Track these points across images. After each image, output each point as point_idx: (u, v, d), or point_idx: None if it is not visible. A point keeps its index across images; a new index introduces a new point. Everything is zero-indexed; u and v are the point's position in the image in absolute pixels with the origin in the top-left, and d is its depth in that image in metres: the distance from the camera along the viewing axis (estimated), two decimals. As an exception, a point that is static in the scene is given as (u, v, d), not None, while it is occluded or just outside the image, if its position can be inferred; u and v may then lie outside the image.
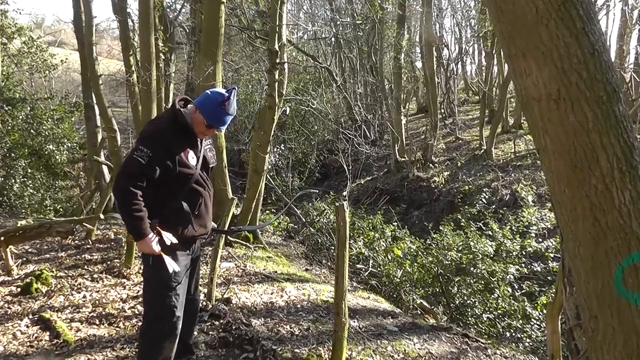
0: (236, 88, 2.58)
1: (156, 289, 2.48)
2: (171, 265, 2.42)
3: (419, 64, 22.61)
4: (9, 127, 9.79)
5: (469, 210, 7.99)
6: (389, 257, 7.06)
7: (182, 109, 2.53)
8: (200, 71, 6.69)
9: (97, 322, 3.70)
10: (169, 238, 2.41)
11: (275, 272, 5.84)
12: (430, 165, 13.55)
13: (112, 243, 6.13)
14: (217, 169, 6.31)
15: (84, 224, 5.94)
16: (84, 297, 4.23)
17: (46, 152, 10.20)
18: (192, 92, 13.22)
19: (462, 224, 7.30)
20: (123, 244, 5.41)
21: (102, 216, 5.63)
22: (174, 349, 2.55)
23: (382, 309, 4.97)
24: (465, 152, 14.44)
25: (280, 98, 6.79)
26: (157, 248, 2.37)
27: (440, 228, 7.32)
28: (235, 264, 5.81)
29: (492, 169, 12.15)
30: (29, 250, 5.73)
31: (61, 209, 10.05)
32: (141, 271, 4.93)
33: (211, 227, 2.78)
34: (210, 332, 3.66)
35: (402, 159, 14.56)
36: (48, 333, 3.49)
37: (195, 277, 2.75)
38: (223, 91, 2.52)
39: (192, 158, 2.51)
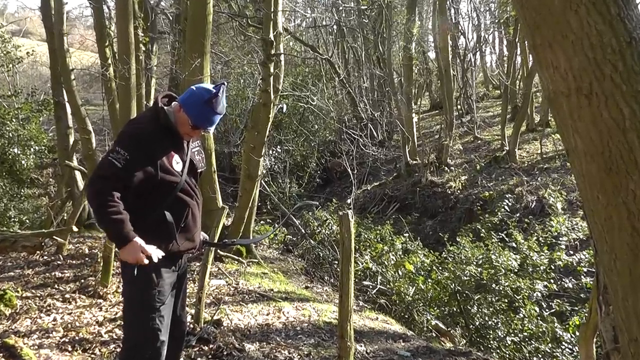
0: (226, 83, 2.59)
1: (138, 310, 2.48)
2: (155, 254, 2.38)
3: (432, 55, 22.71)
4: (-33, 129, 9.83)
5: (489, 219, 7.98)
6: (400, 273, 7.05)
7: (165, 107, 2.54)
8: (186, 64, 6.72)
9: (70, 349, 3.70)
10: (155, 253, 2.41)
11: (272, 290, 5.83)
12: (446, 168, 13.56)
13: (87, 259, 6.14)
14: (206, 174, 6.32)
15: (54, 237, 5.94)
16: (54, 320, 4.23)
17: (10, 157, 10.22)
18: (176, 88, 13.25)
19: (482, 234, 7.28)
20: (99, 260, 5.42)
21: (74, 228, 5.64)
22: (158, 378, 2.54)
23: (392, 331, 4.96)
24: (485, 154, 14.45)
25: (276, 94, 6.82)
26: (143, 256, 2.35)
27: (458, 239, 7.32)
28: (227, 282, 5.80)
29: (515, 173, 12.16)
30: (-8, 267, 5.74)
31: (27, 221, 10.06)
32: (120, 290, 4.96)
33: (200, 240, 2.78)
34: (199, 359, 3.65)
35: (414, 162, 14.57)
36: (13, 361, 3.49)
37: (181, 296, 2.74)
38: (210, 87, 2.52)
39: (176, 163, 2.51)
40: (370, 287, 6.97)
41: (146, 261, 2.35)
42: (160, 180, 2.43)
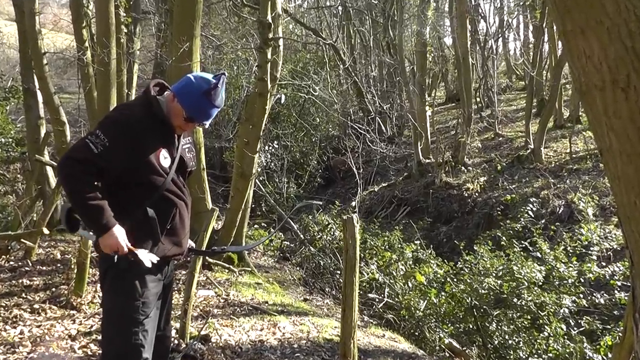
0: (226, 74, 2.62)
1: (119, 324, 2.48)
2: (147, 258, 2.42)
3: (448, 41, 22.72)
4: None
5: (511, 226, 7.98)
6: (410, 285, 7.05)
7: (159, 97, 2.56)
8: (173, 49, 6.73)
9: (40, 366, 3.71)
10: (147, 257, 2.43)
11: (266, 302, 5.85)
12: (463, 168, 13.57)
13: (58, 265, 6.15)
14: (194, 173, 6.35)
15: (22, 240, 5.96)
16: (21, 333, 4.24)
17: (-26, 150, 10.24)
18: (161, 74, 13.30)
19: (502, 243, 7.29)
20: (72, 266, 5.43)
21: (45, 231, 5.65)
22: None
23: (401, 350, 4.97)
24: (507, 153, 14.46)
25: (274, 83, 6.83)
26: (124, 243, 2.38)
27: (475, 248, 7.33)
28: (216, 292, 5.82)
29: (541, 174, 12.15)
30: (-47, 273, 5.75)
31: (-7, 222, 10.08)
32: (96, 300, 4.97)
33: (188, 245, 2.79)
34: (184, 379, 3.66)
35: (427, 161, 14.57)
36: (-24, 379, 3.51)
37: (166, 308, 2.75)
38: (210, 77, 2.55)
39: (164, 158, 2.52)
40: (377, 300, 6.98)
41: (126, 250, 2.39)
42: (143, 176, 2.45)
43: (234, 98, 15.00)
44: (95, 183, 2.35)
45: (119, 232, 2.37)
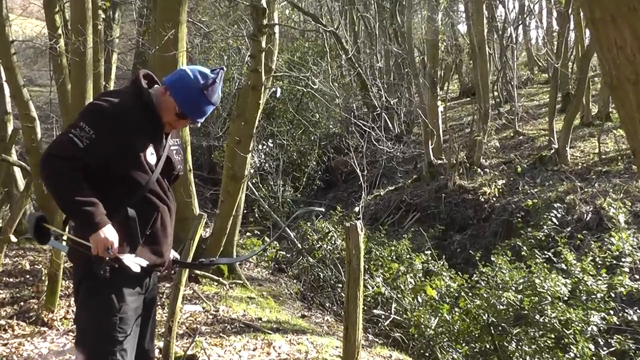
0: (224, 68, 2.64)
1: (94, 342, 2.48)
2: (133, 262, 2.43)
3: (462, 28, 22.76)
4: None
5: (533, 234, 7.97)
6: (420, 300, 7.05)
7: (150, 90, 2.57)
8: (157, 36, 6.73)
9: (7, 389, 3.71)
10: (133, 261, 2.43)
11: (260, 319, 5.85)
12: (479, 170, 13.57)
13: (27, 276, 6.15)
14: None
15: (-11, 249, 5.95)
16: (-12, 353, 4.25)
17: None
18: (144, 65, 13.28)
19: (523, 253, 7.28)
20: (43, 278, 5.43)
21: (13, 238, 5.64)
22: None
23: (411, 373, 4.97)
24: (528, 153, 14.46)
25: (268, 74, 6.83)
26: (116, 243, 2.40)
27: (492, 259, 7.32)
28: (204, 308, 5.82)
29: (566, 177, 12.16)
30: None
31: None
32: (70, 316, 4.96)
33: (170, 256, 2.79)
34: (167, 405, 3.66)
35: (439, 162, 14.57)
36: None
37: (149, 325, 2.75)
38: (207, 71, 2.57)
39: (150, 154, 2.53)
40: (383, 317, 6.98)
41: (116, 251, 2.41)
42: (127, 170, 2.46)
43: (224, 92, 14.99)
44: (81, 178, 2.36)
45: (112, 231, 2.40)
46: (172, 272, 4.37)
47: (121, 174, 2.47)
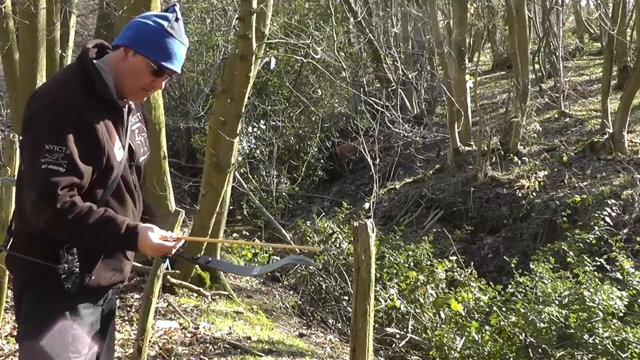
0: (177, 4, 2.61)
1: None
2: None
3: (497, -14, 22.64)
4: None
5: (581, 237, 7.96)
6: (442, 316, 7.04)
7: (97, 62, 2.53)
8: (124, -7, 6.70)
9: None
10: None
11: (248, 338, 5.85)
12: (515, 159, 13.54)
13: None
14: (152, 162, 6.32)
15: None
16: None
17: None
18: (108, 30, 13.25)
19: (569, 259, 7.26)
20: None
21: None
22: None
23: (431, 405, 4.96)
24: (576, 138, 14.43)
25: (261, 42, 6.80)
26: (168, 239, 2.51)
27: (531, 266, 7.31)
28: (181, 324, 5.82)
29: (623, 168, 12.12)
30: None
31: None
32: (13, 333, 4.94)
33: (130, 268, 2.79)
34: None
35: (467, 149, 14.53)
36: None
37: (106, 344, 2.74)
38: (161, 13, 2.55)
39: (118, 149, 2.52)
40: (398, 336, 6.97)
41: (173, 245, 2.52)
42: (100, 176, 2.45)
43: (207, 62, 14.96)
44: (79, 199, 2.37)
45: (149, 230, 2.45)
46: (141, 279, 4.36)
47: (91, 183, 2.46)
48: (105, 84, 2.50)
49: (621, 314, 6.12)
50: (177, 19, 2.51)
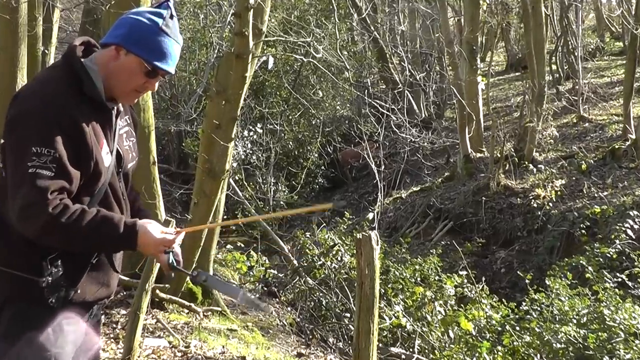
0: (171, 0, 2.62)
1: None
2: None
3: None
4: None
5: (601, 251, 7.93)
6: (451, 335, 7.02)
7: (84, 61, 2.52)
8: (111, -13, 6.71)
9: None
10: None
11: (243, 358, 5.84)
12: (530, 166, 13.55)
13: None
14: (140, 168, 6.33)
15: None
16: None
17: None
18: (94, 26, 13.25)
19: (587, 275, 7.25)
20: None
21: None
22: None
23: None
24: (595, 145, 14.43)
25: (258, 39, 6.81)
26: (170, 235, 2.54)
27: (547, 282, 7.30)
28: (170, 342, 5.81)
29: (646, 176, 12.14)
30: None
31: None
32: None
33: (116, 284, 2.79)
34: None
35: (478, 155, 14.53)
36: None
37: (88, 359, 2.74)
38: (154, 9, 2.54)
39: (106, 154, 2.51)
40: (403, 357, 6.96)
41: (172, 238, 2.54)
42: (87, 182, 2.45)
43: (200, 60, 14.99)
44: (70, 204, 2.36)
45: (149, 225, 2.48)
46: (131, 293, 4.35)
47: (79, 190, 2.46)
48: (93, 84, 2.48)
49: (644, 334, 6.11)
50: (171, 16, 2.51)
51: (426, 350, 7.04)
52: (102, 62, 2.51)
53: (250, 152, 14.00)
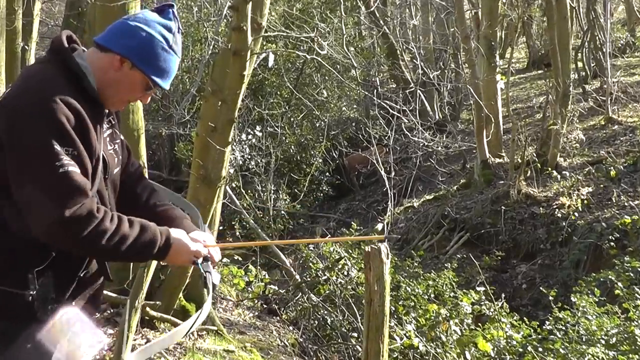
0: (175, 5, 2.63)
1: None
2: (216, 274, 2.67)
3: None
4: None
5: (632, 265, 7.92)
6: (468, 357, 7.01)
7: (75, 57, 2.54)
8: (98, -23, 6.74)
9: None
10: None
11: (240, 382, 5.84)
12: (554, 173, 13.53)
13: None
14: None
15: None
16: None
17: None
18: (77, 20, 13.29)
19: (617, 291, 7.24)
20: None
21: None
22: None
23: None
24: (625, 149, 14.39)
25: (257, 35, 6.83)
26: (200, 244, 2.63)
27: (573, 299, 7.29)
28: (160, 365, 5.81)
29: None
30: None
31: None
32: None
33: (101, 300, 2.81)
34: None
35: (497, 161, 14.52)
36: None
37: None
38: (163, 20, 2.56)
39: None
40: (416, 381, 6.95)
41: (205, 251, 2.63)
42: None
43: (193, 57, 15.00)
44: (105, 210, 2.41)
45: (180, 236, 2.56)
46: (115, 311, 4.35)
47: None
48: (89, 82, 2.51)
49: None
50: (179, 30, 2.59)
51: (440, 374, 7.04)
52: (98, 66, 2.53)
53: (249, 157, 14.00)
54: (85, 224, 2.30)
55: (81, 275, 2.56)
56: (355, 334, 7.84)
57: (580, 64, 19.21)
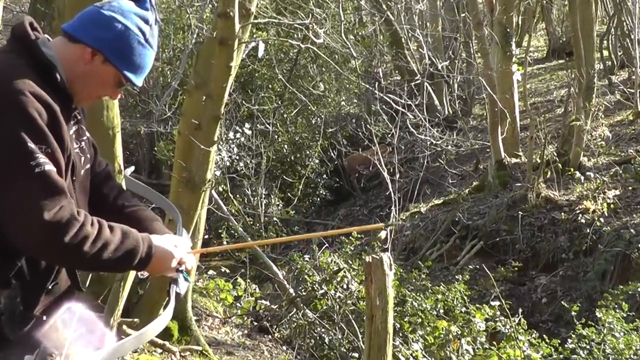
0: None
1: None
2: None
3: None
4: None
5: (662, 277, 7.95)
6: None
7: (42, 48, 2.53)
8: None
9: None
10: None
11: (228, 408, 5.85)
12: (577, 174, 13.54)
13: None
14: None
15: None
16: None
17: None
18: (46, 4, 13.31)
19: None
20: None
21: None
22: None
23: None
24: (656, 148, 14.42)
25: (246, 21, 6.84)
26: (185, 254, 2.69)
27: (598, 314, 7.30)
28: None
29: None
30: None
31: None
32: None
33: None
34: None
35: (514, 160, 14.54)
36: None
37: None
38: (138, 9, 2.57)
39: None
40: (423, 406, 6.96)
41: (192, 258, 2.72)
42: None
43: (175, 47, 15.01)
44: (85, 215, 2.40)
45: (163, 242, 2.59)
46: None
47: None
48: (59, 73, 2.50)
49: None
50: (156, 21, 2.60)
51: (451, 398, 7.05)
52: (66, 57, 2.53)
53: (237, 158, 13.99)
54: (67, 227, 2.28)
55: (49, 287, 2.56)
56: (356, 354, 7.84)
57: (605, 53, 19.25)
